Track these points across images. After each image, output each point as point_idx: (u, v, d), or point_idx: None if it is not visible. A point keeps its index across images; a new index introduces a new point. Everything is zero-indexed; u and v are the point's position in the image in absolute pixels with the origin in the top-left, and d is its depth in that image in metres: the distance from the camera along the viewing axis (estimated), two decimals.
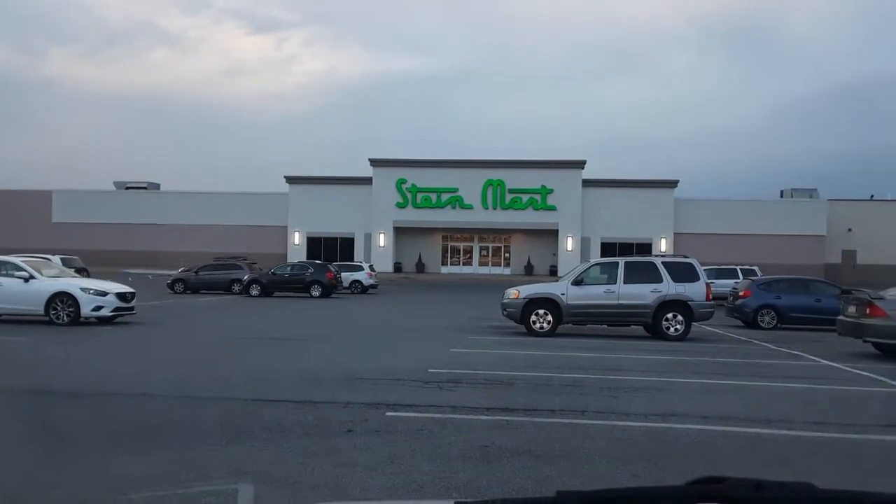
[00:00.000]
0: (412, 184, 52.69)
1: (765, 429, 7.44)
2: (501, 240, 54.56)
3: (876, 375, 11.28)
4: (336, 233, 54.09)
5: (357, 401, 8.34)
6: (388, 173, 53.01)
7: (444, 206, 52.62)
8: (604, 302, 16.57)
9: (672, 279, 16.49)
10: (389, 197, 52.87)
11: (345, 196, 53.90)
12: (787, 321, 19.85)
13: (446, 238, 55.00)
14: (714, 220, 51.14)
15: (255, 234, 54.38)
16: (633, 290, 16.49)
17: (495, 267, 54.32)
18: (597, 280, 17.00)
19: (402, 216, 52.94)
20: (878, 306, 13.31)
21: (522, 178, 51.78)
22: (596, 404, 8.50)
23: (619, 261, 17.32)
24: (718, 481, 1.29)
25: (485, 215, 52.15)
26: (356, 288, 34.66)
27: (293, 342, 14.93)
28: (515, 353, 13.34)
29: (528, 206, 51.91)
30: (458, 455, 6.19)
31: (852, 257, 52.21)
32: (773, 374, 11.50)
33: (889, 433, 7.55)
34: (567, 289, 16.71)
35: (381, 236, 53.16)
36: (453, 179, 52.31)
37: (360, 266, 37.08)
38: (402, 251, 54.19)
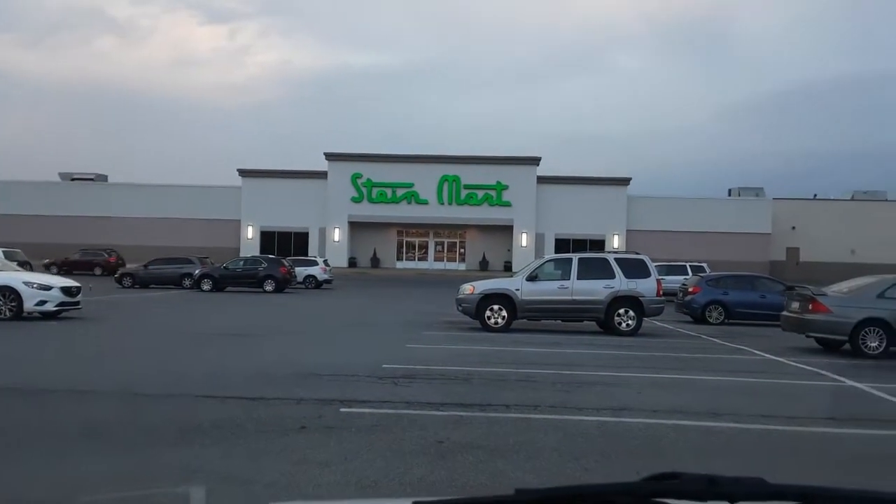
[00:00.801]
0: (368, 178, 52.41)
1: (713, 422, 7.62)
2: (457, 235, 54.69)
3: (818, 369, 11.65)
4: (290, 227, 53.49)
5: (311, 397, 8.27)
6: (343, 167, 52.62)
7: (399, 202, 52.48)
8: (558, 297, 16.74)
9: (624, 275, 16.75)
10: (344, 191, 52.50)
11: (299, 190, 53.33)
12: (733, 317, 20.35)
13: (402, 233, 54.88)
14: (665, 217, 52.11)
15: (208, 228, 53.43)
16: (586, 286, 16.70)
17: (450, 262, 54.42)
18: (551, 276, 17.16)
19: (358, 211, 52.63)
20: (820, 302, 13.73)
21: (478, 174, 51.96)
22: (549, 399, 8.58)
23: (573, 257, 17.52)
24: (673, 477, 1.30)
25: (440, 211, 52.18)
26: (310, 283, 34.35)
27: (246, 337, 14.72)
28: (470, 349, 13.39)
29: (483, 202, 52.12)
30: (412, 451, 6.18)
31: (796, 254, 53.79)
32: (720, 369, 11.78)
33: (830, 425, 7.80)
34: (521, 284, 16.84)
35: (336, 231, 52.77)
36: (409, 174, 52.20)
37: (315, 261, 36.75)
38: (357, 246, 53.90)
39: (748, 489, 1.26)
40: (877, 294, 13.65)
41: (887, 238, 51.88)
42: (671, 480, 1.30)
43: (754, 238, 51.85)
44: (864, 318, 13.29)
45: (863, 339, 13.27)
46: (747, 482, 1.26)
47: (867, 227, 52.50)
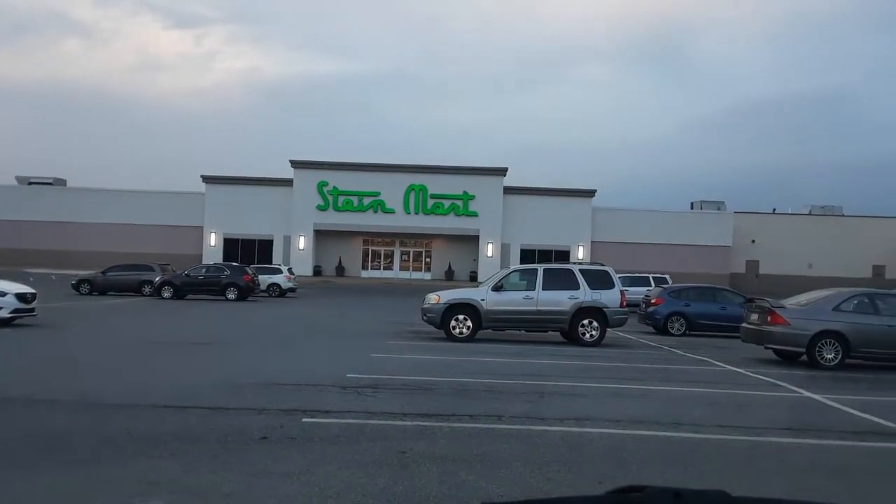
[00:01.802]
0: (334, 186, 52.16)
1: (674, 432, 7.71)
2: (422, 245, 54.67)
3: (776, 380, 11.87)
4: (254, 234, 52.94)
5: (273, 407, 8.17)
6: (309, 175, 52.30)
7: (365, 210, 52.30)
8: (523, 308, 16.81)
9: (589, 286, 16.89)
10: (310, 199, 52.16)
11: (264, 197, 52.85)
12: (695, 328, 20.65)
13: (367, 242, 54.68)
14: (629, 229, 52.76)
15: (169, 235, 52.60)
16: (551, 297, 16.81)
17: (416, 272, 54.35)
18: (516, 286, 17.24)
19: (323, 219, 52.32)
20: (778, 314, 14.01)
21: (444, 183, 52.06)
22: (513, 409, 8.60)
23: (539, 268, 17.62)
24: (638, 490, 1.31)
25: (406, 220, 52.13)
26: (274, 291, 34.01)
27: (207, 346, 14.50)
28: (435, 359, 13.36)
29: (449, 212, 52.21)
30: (375, 461, 6.14)
31: (755, 267, 54.88)
32: (681, 379, 11.94)
33: (787, 436, 7.95)
34: (487, 294, 16.88)
35: (301, 239, 52.37)
36: (375, 183, 52.08)
37: (279, 269, 36.39)
38: (323, 254, 53.54)
39: (710, 502, 1.28)
40: (833, 307, 13.98)
41: (843, 252, 53.24)
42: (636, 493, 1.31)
43: (715, 250, 52.76)
44: (821, 331, 13.59)
45: (819, 350, 13.57)
46: (710, 495, 1.28)
47: (824, 241, 53.81)
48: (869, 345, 13.62)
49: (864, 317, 13.76)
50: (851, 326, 13.59)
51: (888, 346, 13.64)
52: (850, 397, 10.27)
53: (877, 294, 14.93)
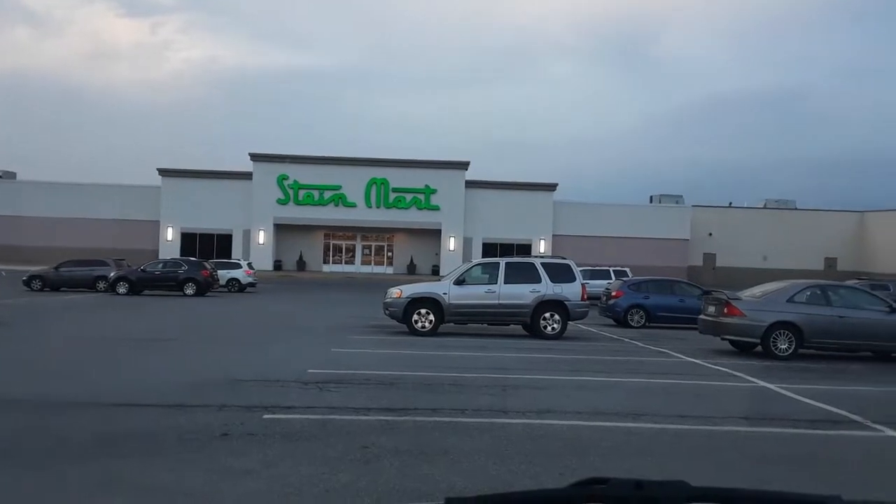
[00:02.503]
0: (294, 180, 51.62)
1: (634, 423, 7.82)
2: (384, 239, 54.48)
3: (732, 371, 12.12)
4: (213, 229, 52.13)
5: (233, 403, 8.06)
6: (269, 169, 51.67)
7: (326, 204, 51.89)
8: (485, 301, 16.87)
9: (550, 280, 17.02)
10: (270, 193, 51.56)
11: (223, 191, 52.06)
12: (654, 320, 20.97)
13: (329, 236, 54.28)
14: (590, 222, 53.29)
15: (124, 229, 51.52)
16: (513, 290, 16.89)
17: (378, 266, 54.15)
18: (478, 280, 17.28)
19: (284, 213, 51.76)
20: (734, 306, 14.31)
21: (406, 177, 51.92)
22: (476, 402, 8.63)
23: (500, 261, 17.70)
24: (601, 482, 1.32)
25: (368, 214, 51.87)
26: (234, 286, 33.58)
27: (165, 343, 14.25)
28: (397, 353, 13.34)
29: (411, 206, 52.10)
30: (337, 457, 6.10)
31: (712, 260, 55.93)
32: (641, 371, 12.12)
33: (743, 425, 8.12)
34: (449, 288, 16.89)
35: (261, 233, 51.75)
36: (337, 177, 51.69)
37: (239, 263, 35.92)
38: (283, 249, 53.00)
39: (672, 492, 1.30)
40: (787, 299, 14.32)
41: (797, 245, 54.56)
42: (598, 485, 1.32)
43: (674, 244, 53.62)
44: (775, 322, 13.92)
45: (773, 341, 13.89)
46: (671, 485, 1.30)
47: (778, 235, 55.06)
48: (821, 335, 13.99)
49: (817, 308, 14.12)
50: (804, 317, 13.94)
51: (839, 336, 14.03)
52: (803, 386, 10.54)
53: (828, 286, 15.34)
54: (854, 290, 15.71)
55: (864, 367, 13.35)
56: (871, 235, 56.40)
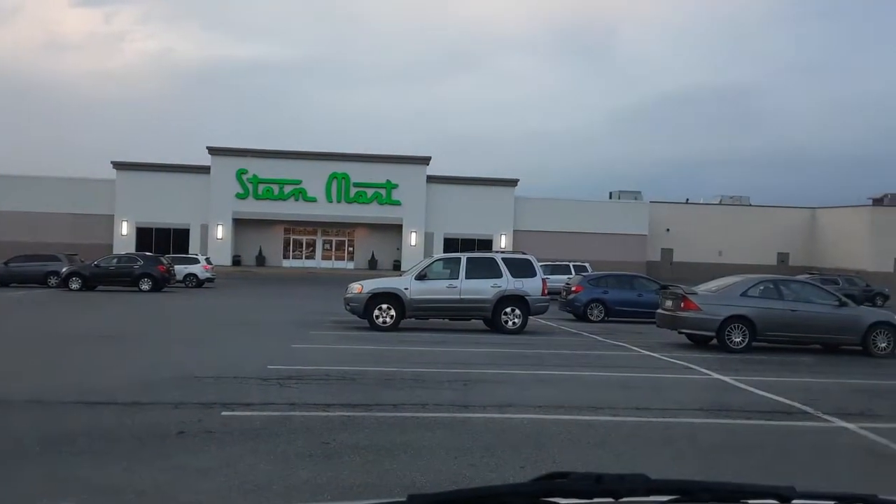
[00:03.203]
0: (253, 174, 50.95)
1: (593, 415, 7.92)
2: (345, 234, 54.15)
3: (688, 364, 12.34)
4: (169, 223, 51.18)
5: (190, 401, 7.93)
6: (227, 163, 50.90)
7: (286, 199, 51.34)
8: (446, 297, 16.89)
9: (511, 275, 17.11)
10: (229, 187, 50.81)
11: (180, 185, 51.13)
12: (613, 314, 21.23)
13: (288, 231, 53.73)
14: (550, 218, 53.71)
15: (77, 223, 50.24)
16: (474, 285, 16.94)
17: (339, 261, 53.80)
18: (440, 275, 17.29)
19: (242, 207, 51.07)
20: (691, 300, 14.57)
21: (367, 172, 51.65)
22: (437, 397, 8.63)
23: (462, 256, 17.73)
24: (562, 476, 1.34)
25: (329, 209, 51.48)
26: (191, 281, 33.03)
27: (119, 339, 13.94)
28: (358, 348, 13.28)
29: (372, 201, 51.86)
30: (297, 453, 6.05)
31: (670, 255, 56.88)
32: (600, 364, 12.27)
33: (698, 416, 8.29)
34: (410, 283, 16.87)
35: (220, 228, 50.99)
36: (297, 171, 51.18)
37: (196, 258, 35.36)
38: (242, 244, 52.30)
39: (631, 485, 1.32)
40: (741, 293, 14.63)
41: (750, 240, 55.79)
42: (560, 479, 1.34)
43: (633, 239, 54.35)
44: (730, 315, 14.21)
45: (728, 334, 14.18)
46: (631, 479, 1.32)
47: (733, 230, 56.22)
48: (773, 328, 14.33)
49: (769, 302, 14.46)
50: (758, 311, 14.26)
51: (791, 329, 14.39)
52: (756, 378, 10.79)
53: (781, 280, 15.73)
54: (805, 284, 16.13)
55: (814, 360, 13.72)
56: (821, 231, 57.99)
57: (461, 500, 1.34)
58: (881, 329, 14.41)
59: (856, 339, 14.41)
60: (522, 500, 1.32)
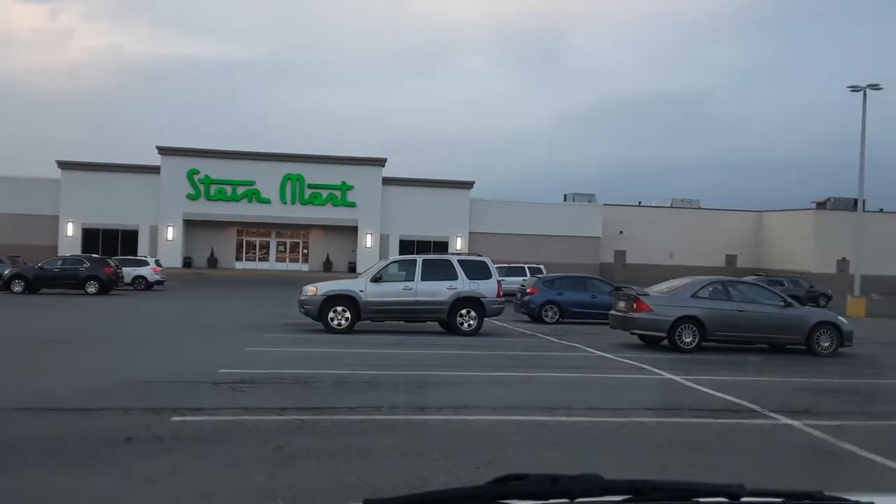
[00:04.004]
0: (205, 175, 50.07)
1: (547, 416, 7.98)
2: (300, 235, 53.62)
3: (640, 364, 12.55)
4: (117, 225, 49.96)
5: (139, 406, 7.75)
6: (178, 163, 49.93)
7: (239, 200, 50.60)
8: (402, 299, 16.85)
9: (467, 277, 17.16)
10: (179, 188, 49.84)
11: (128, 185, 49.95)
12: (567, 316, 21.45)
13: (242, 233, 52.95)
14: (506, 220, 54.06)
15: (20, 224, 48.68)
16: (430, 287, 16.94)
17: (293, 263, 53.25)
18: (395, 277, 17.25)
19: (194, 209, 50.14)
20: (643, 302, 14.81)
21: (322, 173, 51.25)
22: (392, 400, 8.60)
23: (417, 258, 17.72)
24: (518, 478, 1.35)
25: (283, 210, 50.91)
26: (140, 284, 32.31)
27: (63, 344, 13.55)
28: (313, 351, 13.15)
29: (327, 202, 51.47)
30: (250, 458, 5.96)
31: (623, 257, 57.79)
32: (555, 365, 12.39)
33: (650, 415, 8.42)
34: (366, 286, 16.79)
35: (170, 229, 49.97)
36: (250, 172, 50.48)
37: (145, 261, 34.60)
38: (193, 245, 51.35)
39: (586, 486, 1.34)
40: (691, 294, 14.94)
41: (700, 242, 57.05)
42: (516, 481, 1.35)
43: (587, 241, 55.05)
44: (681, 316, 14.49)
45: (679, 335, 14.46)
46: (585, 479, 1.34)
47: (684, 232, 57.42)
48: (722, 328, 14.67)
49: (718, 303, 14.80)
50: (707, 312, 14.58)
51: (739, 329, 14.75)
52: (706, 378, 11.02)
53: (729, 282, 16.12)
54: (752, 285, 16.54)
55: (760, 359, 14.08)
56: (767, 234, 59.63)
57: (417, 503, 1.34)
58: (824, 329, 14.87)
59: (800, 339, 14.84)
60: (479, 502, 1.33)
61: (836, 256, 53.98)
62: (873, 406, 9.71)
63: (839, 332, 14.82)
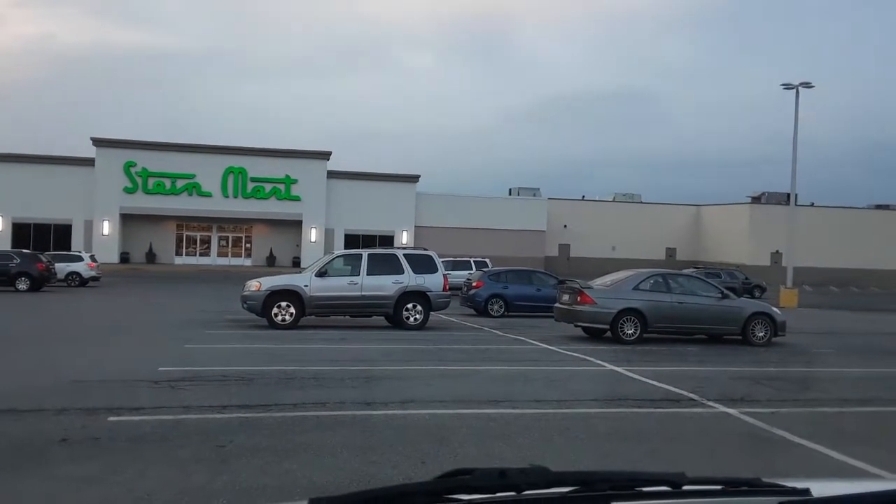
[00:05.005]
0: (143, 167, 48.71)
1: (493, 409, 8.03)
2: (242, 230, 52.68)
3: (584, 356, 12.74)
4: (49, 219, 48.21)
5: (73, 406, 7.49)
6: (114, 155, 48.41)
7: (179, 193, 49.41)
8: (347, 293, 16.72)
9: (413, 271, 17.13)
10: (116, 181, 48.35)
11: (61, 178, 48.20)
12: (513, 309, 21.65)
13: (181, 227, 51.73)
14: (451, 214, 54.18)
15: None
16: (376, 282, 16.86)
17: (235, 258, 52.29)
18: (341, 272, 17.10)
19: (131, 202, 48.73)
20: (587, 295, 15.05)
21: (266, 166, 50.43)
22: (338, 396, 8.53)
23: (363, 253, 17.61)
24: (466, 473, 1.35)
25: (225, 204, 49.92)
26: (74, 280, 31.25)
27: None
28: (256, 347, 12.95)
29: (271, 196, 50.68)
30: (190, 458, 5.82)
31: (567, 251, 58.60)
32: (500, 359, 12.48)
33: (593, 406, 8.56)
34: (310, 280, 16.60)
35: (106, 223, 48.46)
36: (190, 165, 49.33)
37: (80, 256, 33.46)
38: (131, 240, 49.93)
39: (533, 478, 1.35)
40: (633, 287, 15.24)
41: (642, 236, 58.26)
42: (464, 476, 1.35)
43: (532, 235, 55.63)
44: (623, 309, 14.77)
45: (621, 327, 14.74)
46: (532, 472, 1.35)
47: (626, 226, 58.53)
48: (663, 320, 15.01)
49: (659, 295, 15.14)
50: (648, 304, 14.90)
51: (678, 321, 15.12)
52: (647, 368, 11.27)
53: (669, 274, 16.50)
54: (691, 278, 16.98)
55: (699, 349, 14.46)
56: (705, 227, 61.30)
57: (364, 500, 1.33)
58: (759, 319, 15.36)
59: (737, 329, 15.30)
60: (427, 498, 1.32)
61: (770, 249, 55.82)
62: (805, 393, 10.09)
63: (773, 323, 15.33)
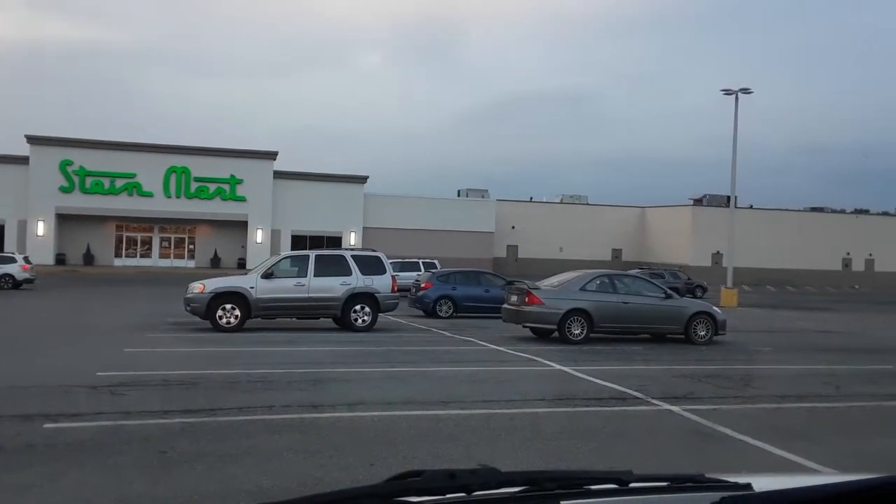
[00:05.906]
0: (80, 166, 47.21)
1: (442, 410, 8.03)
2: (185, 231, 51.54)
3: (532, 356, 12.86)
4: None
5: (7, 413, 7.21)
6: (50, 153, 46.81)
7: (119, 193, 48.07)
8: (294, 295, 16.52)
9: (361, 272, 17.02)
10: (51, 180, 46.76)
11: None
12: (461, 310, 21.70)
13: (121, 227, 50.32)
14: (399, 215, 54.07)
15: None
16: (323, 283, 16.69)
17: (178, 259, 51.12)
18: (287, 273, 16.89)
19: (68, 202, 47.19)
20: (534, 295, 15.19)
21: (210, 166, 49.46)
22: (284, 399, 8.41)
23: (310, 254, 17.42)
24: (416, 475, 1.34)
25: (167, 204, 48.78)
26: (7, 283, 30.11)
27: None
28: (199, 351, 12.68)
29: (215, 196, 49.73)
30: (131, 464, 5.65)
31: (515, 251, 59.11)
32: (449, 360, 12.50)
33: (541, 406, 8.65)
34: (256, 282, 16.34)
35: (41, 224, 46.81)
36: (131, 164, 48.03)
37: (13, 257, 32.24)
38: (67, 241, 48.33)
39: (483, 479, 1.35)
40: (579, 287, 15.45)
41: (588, 237, 59.17)
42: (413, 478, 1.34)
43: (480, 236, 55.92)
44: (570, 309, 14.96)
45: (568, 327, 14.92)
46: (482, 472, 1.35)
47: (572, 227, 59.36)
48: (609, 320, 15.25)
49: (605, 295, 15.38)
50: (595, 304, 15.12)
51: (623, 320, 15.38)
52: (593, 368, 11.43)
53: (615, 275, 16.79)
54: (636, 278, 17.31)
55: (644, 348, 14.75)
56: (649, 228, 62.61)
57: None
58: (701, 319, 15.74)
59: (679, 329, 15.65)
60: (376, 501, 1.31)
61: (711, 250, 57.33)
62: (745, 390, 10.38)
63: (714, 322, 15.74)
